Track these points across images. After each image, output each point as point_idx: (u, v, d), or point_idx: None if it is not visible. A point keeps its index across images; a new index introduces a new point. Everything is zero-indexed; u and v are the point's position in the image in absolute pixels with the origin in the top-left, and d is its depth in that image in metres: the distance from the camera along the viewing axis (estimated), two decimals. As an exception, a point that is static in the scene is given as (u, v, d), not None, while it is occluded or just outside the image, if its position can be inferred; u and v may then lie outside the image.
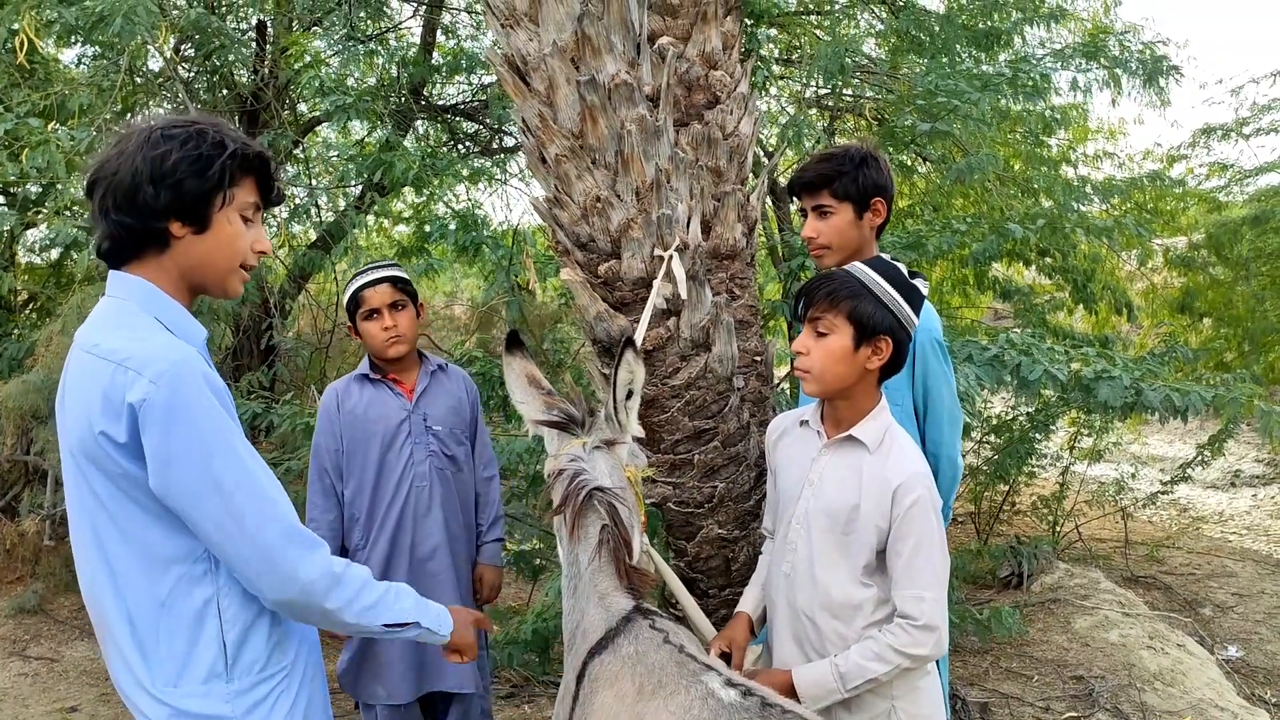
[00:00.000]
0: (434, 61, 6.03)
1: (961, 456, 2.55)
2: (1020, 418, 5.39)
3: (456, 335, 7.97)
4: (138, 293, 1.62)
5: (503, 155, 6.49)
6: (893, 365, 2.01)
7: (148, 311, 1.61)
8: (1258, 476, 8.21)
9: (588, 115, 2.53)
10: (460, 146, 6.60)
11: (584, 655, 1.83)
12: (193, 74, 5.92)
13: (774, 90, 5.92)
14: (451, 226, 4.21)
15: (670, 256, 2.51)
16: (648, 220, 2.52)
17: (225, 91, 5.91)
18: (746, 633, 2.22)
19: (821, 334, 1.99)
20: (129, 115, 5.03)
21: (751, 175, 2.94)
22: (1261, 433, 3.60)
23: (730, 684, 1.64)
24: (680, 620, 2.19)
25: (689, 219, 2.58)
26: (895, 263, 2.06)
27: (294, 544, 1.60)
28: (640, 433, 2.22)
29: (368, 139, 6.22)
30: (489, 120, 6.14)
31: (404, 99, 5.76)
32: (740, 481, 2.75)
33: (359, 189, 5.81)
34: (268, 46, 6.14)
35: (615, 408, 2.10)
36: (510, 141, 6.27)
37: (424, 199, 5.35)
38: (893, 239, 4.22)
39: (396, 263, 3.06)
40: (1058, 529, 6.14)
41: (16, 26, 4.10)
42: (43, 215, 5.05)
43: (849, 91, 5.49)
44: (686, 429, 2.65)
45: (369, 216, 6.48)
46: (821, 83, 4.94)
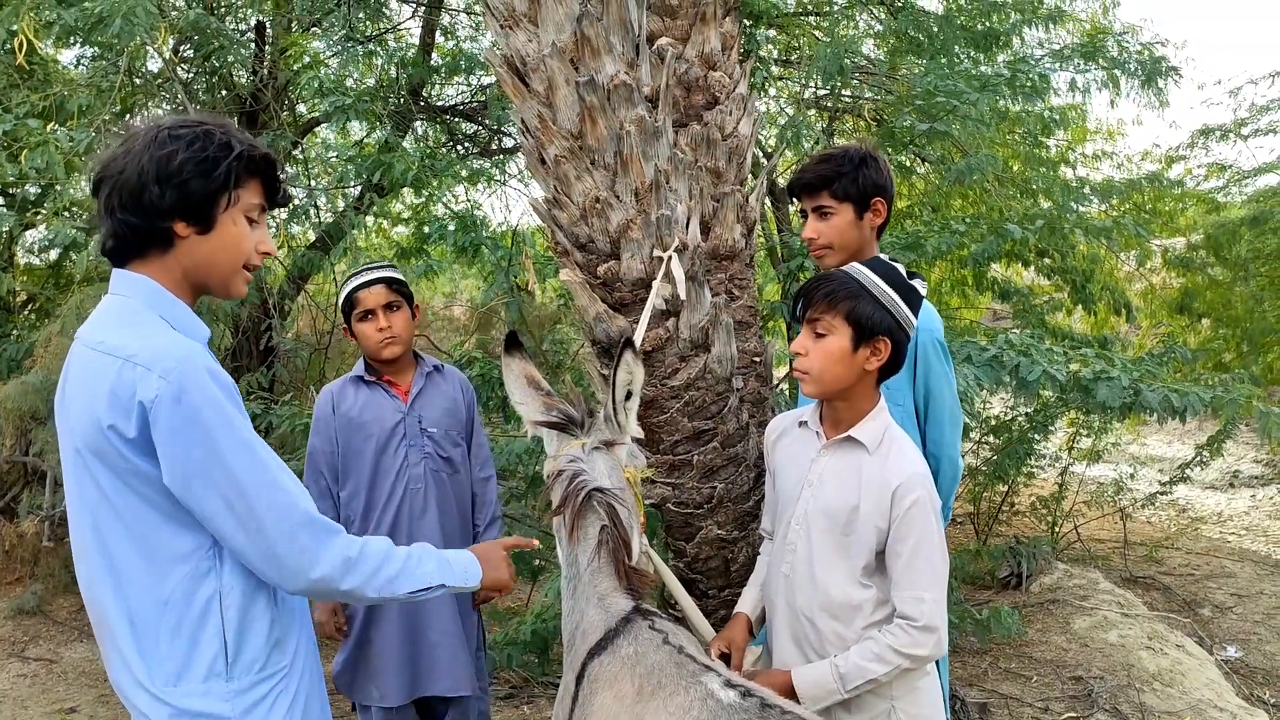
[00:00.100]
0: (433, 62, 6.03)
1: (961, 457, 2.55)
2: (1019, 418, 5.39)
3: (456, 336, 7.98)
4: (142, 290, 1.62)
5: (502, 156, 6.49)
6: (891, 366, 2.01)
7: (152, 309, 1.61)
8: (1256, 477, 8.22)
9: (587, 116, 2.53)
10: (459, 147, 6.60)
11: (583, 656, 1.83)
12: (192, 75, 5.93)
13: (773, 91, 5.91)
14: (451, 227, 4.21)
15: (669, 257, 2.51)
16: (647, 221, 2.52)
17: (224, 92, 5.90)
18: (745, 633, 2.22)
19: (820, 335, 1.99)
20: (128, 116, 5.03)
21: (750, 176, 2.94)
22: (1260, 433, 3.61)
23: (730, 685, 1.64)
24: (679, 621, 2.19)
25: (688, 220, 2.58)
26: (894, 263, 2.06)
27: (309, 532, 1.61)
28: (639, 433, 2.22)
29: (367, 140, 6.22)
30: (488, 121, 6.15)
31: (403, 100, 5.76)
32: (739, 482, 2.75)
33: (358, 190, 5.80)
34: (267, 47, 6.13)
35: (614, 408, 2.09)
36: (509, 142, 6.27)
37: (423, 200, 5.35)
38: (892, 239, 4.22)
39: (392, 264, 3.05)
40: (1057, 529, 6.13)
41: (16, 27, 4.10)
42: (42, 216, 5.06)
43: (848, 92, 5.49)
44: (686, 430, 2.66)
45: (368, 217, 6.48)
46: (820, 83, 4.94)
